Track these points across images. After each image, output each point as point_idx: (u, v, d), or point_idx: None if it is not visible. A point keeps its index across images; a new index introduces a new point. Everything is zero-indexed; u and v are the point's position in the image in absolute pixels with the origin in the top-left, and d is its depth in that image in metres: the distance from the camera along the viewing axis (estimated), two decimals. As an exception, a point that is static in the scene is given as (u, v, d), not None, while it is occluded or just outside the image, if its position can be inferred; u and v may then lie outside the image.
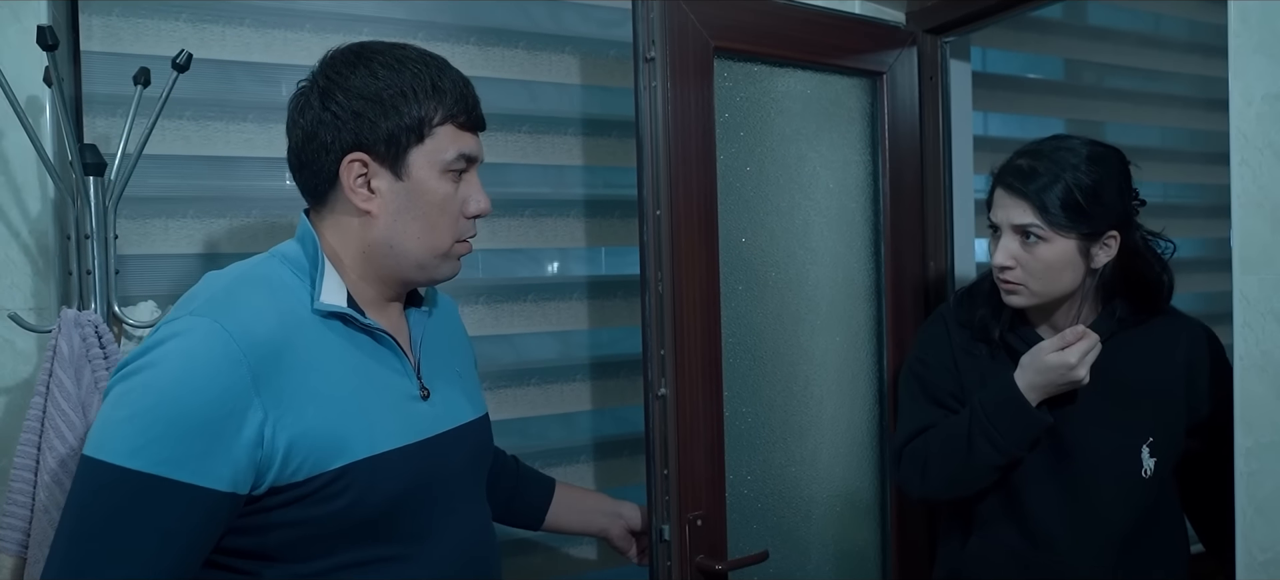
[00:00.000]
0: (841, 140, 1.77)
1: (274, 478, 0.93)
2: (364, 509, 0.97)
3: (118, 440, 0.88)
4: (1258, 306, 1.16)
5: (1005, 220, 1.37)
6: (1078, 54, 2.47)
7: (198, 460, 0.88)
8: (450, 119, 1.03)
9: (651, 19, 1.45)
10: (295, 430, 0.93)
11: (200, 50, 1.51)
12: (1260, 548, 1.17)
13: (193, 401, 0.88)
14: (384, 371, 1.04)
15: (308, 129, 1.02)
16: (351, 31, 1.63)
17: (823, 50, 1.69)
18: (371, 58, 1.03)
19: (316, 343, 0.98)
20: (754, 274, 1.66)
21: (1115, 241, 1.36)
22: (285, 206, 1.59)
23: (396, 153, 1.01)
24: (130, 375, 0.91)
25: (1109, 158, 1.37)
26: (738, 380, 1.64)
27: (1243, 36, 1.17)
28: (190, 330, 0.91)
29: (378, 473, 0.98)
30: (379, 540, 1.00)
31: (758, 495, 1.68)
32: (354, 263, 1.05)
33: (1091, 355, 1.33)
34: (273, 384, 0.93)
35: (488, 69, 1.73)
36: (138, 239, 1.50)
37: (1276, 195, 1.14)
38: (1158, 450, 1.39)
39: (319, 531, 0.96)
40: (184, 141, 1.53)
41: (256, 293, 0.98)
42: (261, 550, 0.96)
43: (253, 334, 0.92)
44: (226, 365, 0.90)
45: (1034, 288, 1.37)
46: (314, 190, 1.05)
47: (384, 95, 1.00)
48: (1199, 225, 2.62)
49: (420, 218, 1.03)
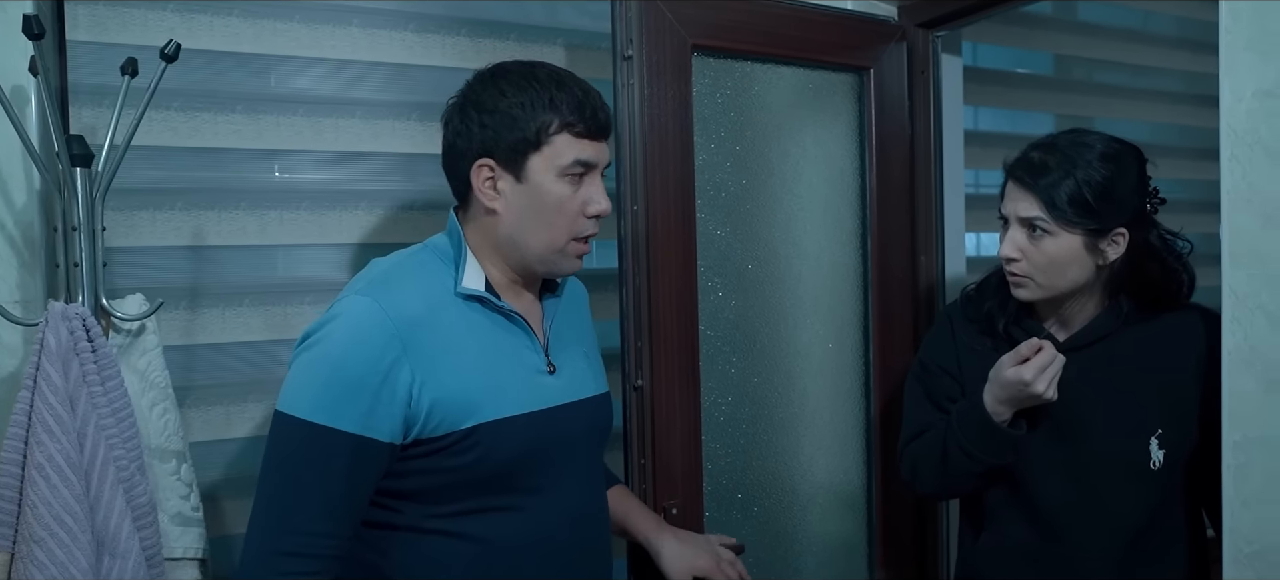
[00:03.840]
0: (827, 135, 1.77)
1: (418, 431, 1.11)
2: (488, 464, 1.14)
3: (303, 398, 1.08)
4: (1246, 301, 1.17)
5: (1013, 212, 1.37)
6: (1068, 49, 2.48)
7: (365, 415, 1.07)
8: (567, 128, 1.16)
9: (629, 18, 1.49)
10: (437, 392, 1.11)
11: (188, 40, 1.49)
12: (1247, 541, 1.18)
13: (357, 366, 1.08)
14: (515, 347, 1.20)
15: (450, 139, 1.20)
16: (341, 22, 1.62)
17: (806, 45, 1.70)
18: (502, 77, 1.18)
19: (457, 320, 1.15)
20: (734, 268, 1.67)
21: (1124, 239, 1.35)
22: (275, 199, 1.58)
23: (517, 159, 1.16)
24: (311, 346, 1.10)
25: (1124, 155, 1.36)
26: (716, 373, 1.65)
27: (1234, 33, 1.17)
28: (353, 308, 1.10)
29: (502, 433, 1.14)
30: (499, 492, 1.16)
31: (738, 486, 1.69)
32: (489, 254, 1.21)
33: (1051, 370, 1.32)
34: (418, 352, 1.10)
35: (479, 60, 1.67)
36: (125, 231, 1.48)
37: (1266, 191, 1.15)
38: (1167, 442, 1.37)
39: (450, 480, 1.13)
40: (172, 133, 1.51)
41: (407, 277, 1.16)
42: (403, 491, 1.13)
43: (402, 311, 1.11)
44: (382, 336, 1.09)
45: (1040, 281, 1.36)
46: (457, 191, 1.22)
47: (507, 109, 1.15)
48: (1187, 220, 2.62)
49: (538, 216, 1.17)
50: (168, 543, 1.29)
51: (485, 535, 1.15)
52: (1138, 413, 1.38)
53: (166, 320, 1.50)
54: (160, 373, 1.31)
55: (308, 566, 1.07)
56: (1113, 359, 1.38)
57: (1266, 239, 1.14)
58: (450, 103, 1.22)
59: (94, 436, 1.16)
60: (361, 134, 1.64)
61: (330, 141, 1.62)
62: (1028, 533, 1.43)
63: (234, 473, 1.56)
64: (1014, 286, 1.40)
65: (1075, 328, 1.42)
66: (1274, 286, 1.14)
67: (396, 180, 1.66)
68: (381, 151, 1.65)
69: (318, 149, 1.61)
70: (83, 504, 1.13)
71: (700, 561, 1.42)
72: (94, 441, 1.16)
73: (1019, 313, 1.44)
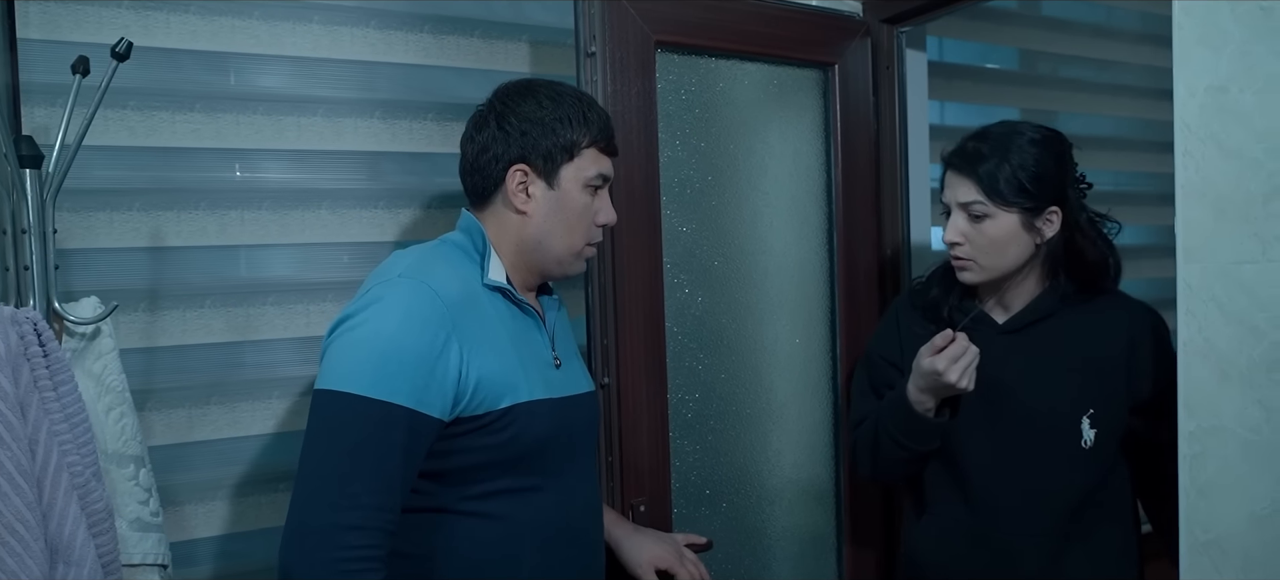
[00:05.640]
0: (791, 130, 1.78)
1: (462, 409, 1.16)
2: (521, 443, 1.20)
3: (359, 374, 1.10)
4: (1200, 294, 1.18)
5: (953, 199, 1.44)
6: (1033, 44, 2.50)
7: (420, 390, 1.11)
8: (594, 144, 1.28)
9: (592, 15, 1.50)
10: (481, 371, 1.16)
11: (144, 38, 1.47)
12: (1202, 529, 1.20)
13: (415, 342, 1.12)
14: (532, 337, 1.28)
15: (484, 143, 1.27)
16: (302, 19, 1.60)
17: (771, 42, 1.71)
18: (538, 91, 1.29)
19: (488, 307, 1.23)
20: (699, 264, 1.68)
21: (1058, 217, 1.42)
22: (236, 199, 1.56)
23: (552, 167, 1.26)
24: (355, 328, 1.13)
25: (1051, 140, 1.44)
26: (683, 369, 1.66)
27: (1186, 29, 1.19)
28: (401, 288, 1.15)
29: (533, 415, 1.21)
30: (526, 472, 1.22)
31: (706, 482, 1.69)
32: (508, 252, 1.28)
33: (964, 361, 1.37)
34: (464, 332, 1.16)
35: (443, 58, 1.71)
36: (81, 233, 1.46)
37: (1218, 185, 1.16)
38: (1099, 423, 1.43)
39: (485, 459, 1.18)
40: (129, 132, 1.49)
41: (442, 264, 1.22)
42: (435, 472, 1.17)
43: (448, 291, 1.17)
44: (434, 314, 1.14)
45: (983, 262, 1.43)
46: (482, 192, 1.29)
47: (546, 120, 1.26)
48: (1151, 213, 2.67)
49: (564, 221, 1.27)
50: (126, 549, 1.27)
51: (511, 514, 1.20)
52: (1071, 392, 1.44)
53: (125, 323, 1.48)
54: (117, 376, 1.29)
55: (372, 540, 1.08)
56: (1049, 340, 1.45)
57: (1219, 232, 1.16)
58: (480, 111, 1.31)
59: (46, 443, 1.14)
60: (324, 132, 1.62)
61: (292, 140, 1.60)
62: (963, 512, 1.48)
63: (197, 476, 1.54)
64: (959, 271, 1.46)
65: (1016, 310, 1.48)
66: (1226, 279, 1.15)
67: (360, 178, 1.65)
68: (344, 150, 1.64)
69: (279, 148, 1.59)
70: (35, 512, 1.11)
71: (660, 551, 1.44)
72: (46, 448, 1.14)
73: (962, 297, 1.51)
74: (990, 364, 1.43)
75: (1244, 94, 1.14)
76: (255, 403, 1.58)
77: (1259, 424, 1.14)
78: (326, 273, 1.62)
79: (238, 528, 1.57)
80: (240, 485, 1.57)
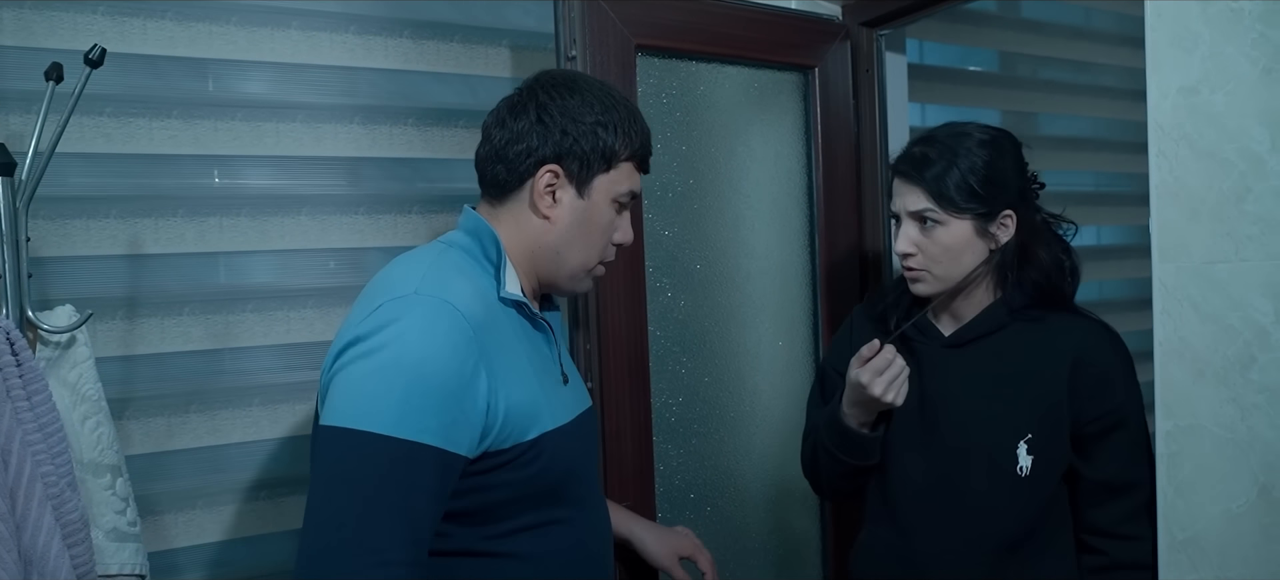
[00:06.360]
0: (773, 134, 1.78)
1: (488, 444, 1.03)
2: (548, 476, 1.08)
3: (380, 411, 0.96)
4: (1175, 294, 1.19)
5: (903, 207, 1.36)
6: (1012, 46, 2.52)
7: (449, 428, 0.98)
8: (633, 158, 1.17)
9: (572, 18, 1.49)
10: (508, 401, 1.04)
11: (121, 44, 1.46)
12: (1180, 527, 1.21)
13: (441, 373, 0.98)
14: (544, 355, 1.16)
15: (518, 132, 1.13)
16: (280, 25, 1.59)
17: (751, 45, 1.71)
18: (585, 88, 1.15)
19: (507, 325, 1.09)
20: (682, 268, 1.68)
21: (1012, 221, 1.35)
22: (215, 205, 1.55)
23: (587, 174, 1.14)
24: (371, 354, 0.98)
25: (1001, 141, 1.37)
26: (666, 373, 1.66)
27: (1158, 31, 1.20)
28: (420, 309, 1.00)
29: (559, 444, 1.10)
30: (551, 504, 1.11)
31: (690, 486, 1.69)
32: (520, 259, 1.15)
33: (889, 374, 1.31)
34: (490, 356, 1.03)
35: (422, 63, 1.71)
36: (58, 240, 1.45)
37: (1191, 186, 1.17)
38: (1037, 449, 1.32)
39: (509, 496, 1.06)
40: (105, 139, 1.48)
41: (458, 277, 1.07)
42: (459, 512, 1.04)
43: (472, 311, 1.03)
44: (461, 339, 1.00)
45: (936, 272, 1.35)
46: (503, 185, 1.15)
47: (590, 122, 1.13)
48: (1130, 213, 2.70)
49: (586, 234, 1.16)
50: (103, 559, 1.26)
51: (537, 552, 1.09)
52: (1007, 414, 1.34)
53: (103, 330, 1.47)
54: (93, 385, 1.28)
55: None
56: (991, 358, 1.36)
57: (1192, 233, 1.17)
58: (517, 95, 1.16)
59: (20, 453, 1.13)
60: (303, 138, 1.62)
61: (271, 146, 1.59)
62: (892, 535, 1.41)
63: (177, 485, 1.53)
64: (912, 282, 1.38)
65: (965, 320, 1.39)
66: (1200, 279, 1.16)
67: (340, 184, 1.64)
68: (324, 155, 1.63)
69: (258, 154, 1.59)
70: (8, 523, 1.10)
71: (681, 542, 1.43)
72: (20, 458, 1.13)
73: (911, 308, 1.43)
74: (930, 378, 1.38)
75: (1215, 95, 1.15)
76: (235, 410, 1.57)
77: (1233, 422, 1.15)
78: (307, 279, 1.62)
79: (218, 536, 1.56)
80: (221, 494, 1.56)
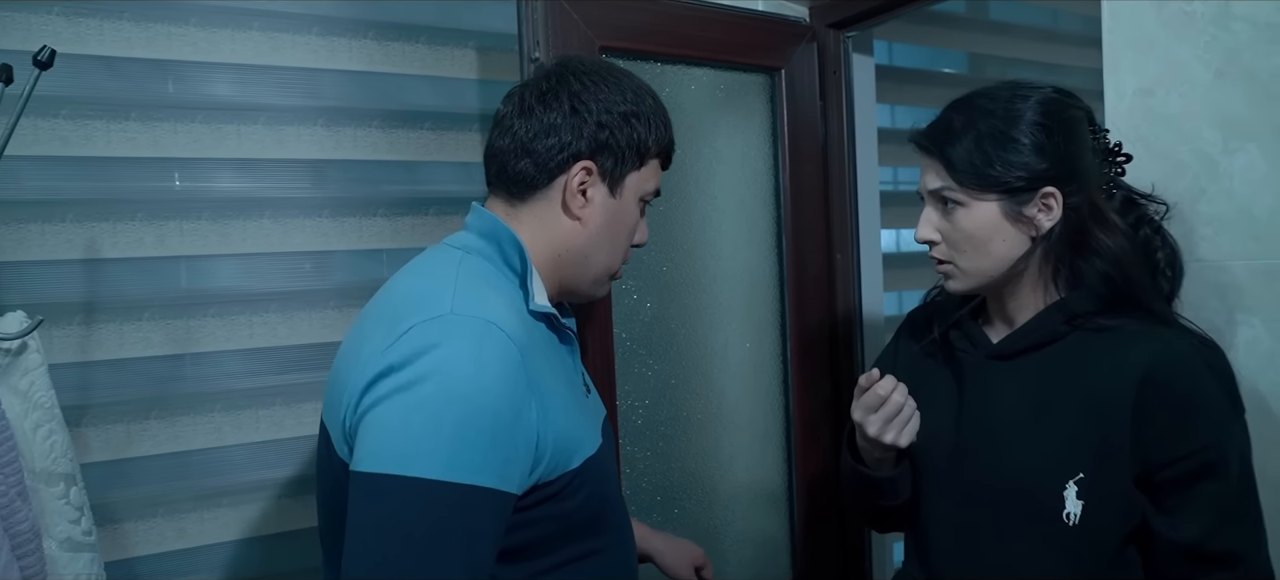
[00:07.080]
0: (739, 135, 1.78)
1: (538, 476, 0.93)
2: (590, 506, 0.99)
3: (431, 454, 0.85)
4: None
5: (923, 186, 1.13)
6: (981, 48, 2.54)
7: (504, 465, 0.88)
8: (660, 155, 1.10)
9: (536, 20, 1.48)
10: (556, 429, 0.94)
11: (76, 46, 1.44)
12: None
13: (494, 405, 0.88)
14: (571, 369, 1.07)
15: (549, 123, 1.03)
16: (241, 26, 1.57)
17: (717, 47, 1.71)
18: (620, 78, 1.07)
19: (541, 342, 0.99)
20: (648, 270, 1.67)
21: (1057, 201, 1.06)
22: (174, 209, 1.53)
23: (620, 171, 1.05)
24: (411, 386, 0.87)
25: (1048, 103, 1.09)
26: (633, 375, 1.65)
27: (1114, 33, 1.21)
28: (462, 332, 0.89)
29: (599, 469, 1.01)
30: (593, 534, 1.01)
31: (658, 489, 1.69)
32: (542, 263, 1.05)
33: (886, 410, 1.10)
34: (536, 382, 0.92)
35: (387, 64, 1.69)
36: (13, 245, 1.42)
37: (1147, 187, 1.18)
38: (1089, 492, 1.02)
39: (552, 530, 0.97)
40: (61, 142, 1.46)
41: (489, 291, 0.96)
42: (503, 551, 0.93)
43: (516, 332, 0.92)
44: (511, 365, 0.90)
45: (964, 265, 1.10)
46: (527, 183, 1.04)
47: (626, 114, 1.04)
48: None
49: (614, 235, 1.07)
50: (56, 569, 1.23)
51: None
52: (1052, 447, 1.05)
53: (59, 336, 1.44)
54: (45, 392, 1.26)
55: None
56: (1039, 375, 1.08)
57: (1148, 233, 1.18)
58: (545, 84, 1.06)
59: (-33, 462, 1.11)
60: (265, 140, 1.60)
61: (232, 148, 1.58)
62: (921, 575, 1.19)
63: (136, 493, 1.51)
64: (943, 278, 1.15)
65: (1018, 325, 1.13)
66: (1156, 279, 1.17)
67: (303, 187, 1.63)
68: (287, 158, 1.61)
69: (219, 156, 1.57)
70: (-46, 533, 1.08)
71: (695, 555, 1.40)
72: (-33, 467, 1.11)
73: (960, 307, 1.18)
74: (971, 397, 1.13)
75: (1170, 96, 1.16)
76: (197, 416, 1.55)
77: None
78: (269, 283, 1.60)
79: (179, 545, 1.54)
80: (182, 501, 1.54)
